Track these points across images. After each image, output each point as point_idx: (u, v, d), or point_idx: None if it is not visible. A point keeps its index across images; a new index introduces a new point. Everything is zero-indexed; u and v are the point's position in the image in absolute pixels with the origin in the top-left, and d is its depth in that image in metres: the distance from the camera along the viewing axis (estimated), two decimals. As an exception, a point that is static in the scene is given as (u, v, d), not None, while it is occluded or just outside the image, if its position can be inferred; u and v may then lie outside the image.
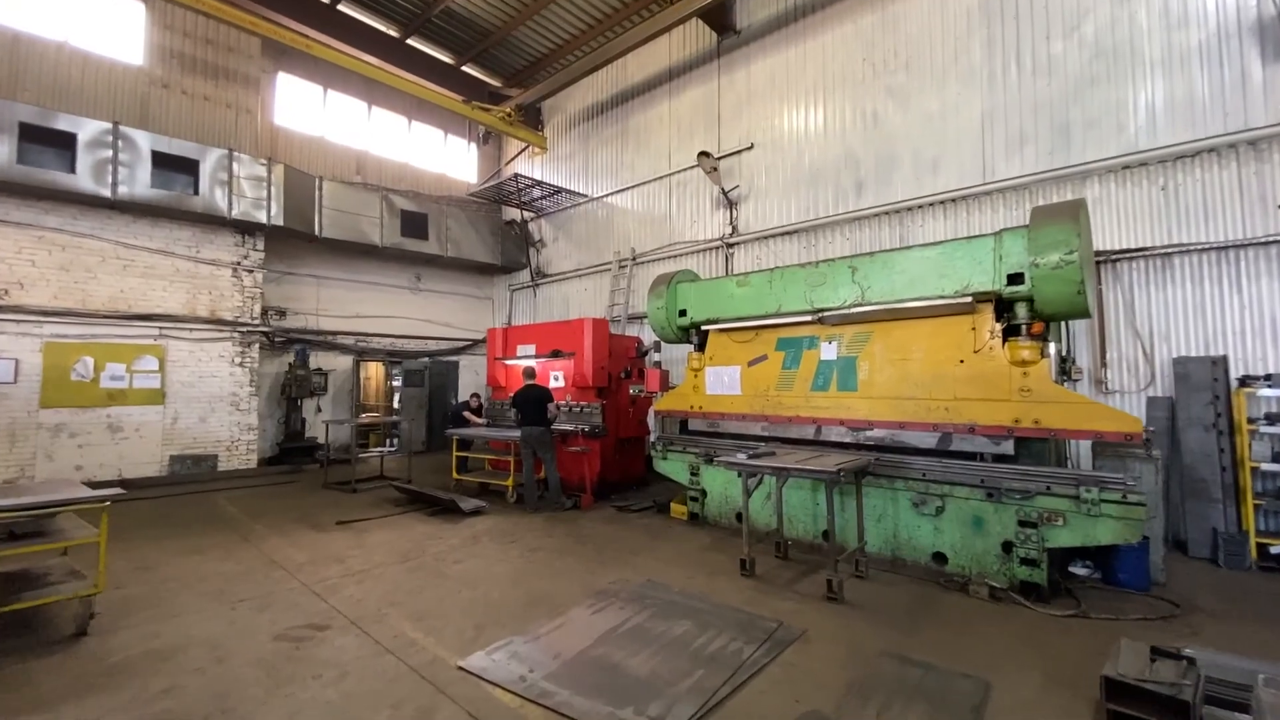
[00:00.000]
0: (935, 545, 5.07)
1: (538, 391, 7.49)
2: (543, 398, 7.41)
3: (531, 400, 7.42)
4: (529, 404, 7.43)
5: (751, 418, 6.36)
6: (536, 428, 7.33)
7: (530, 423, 7.38)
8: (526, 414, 7.45)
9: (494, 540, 6.20)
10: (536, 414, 7.37)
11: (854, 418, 5.59)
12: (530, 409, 7.41)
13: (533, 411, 7.39)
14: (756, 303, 6.21)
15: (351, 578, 5.03)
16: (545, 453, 7.39)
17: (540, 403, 7.38)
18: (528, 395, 7.48)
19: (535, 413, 7.37)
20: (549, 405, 7.36)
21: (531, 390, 7.53)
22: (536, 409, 7.37)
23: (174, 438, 9.67)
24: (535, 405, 7.38)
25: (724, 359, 6.66)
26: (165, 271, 9.73)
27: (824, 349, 5.86)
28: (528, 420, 7.41)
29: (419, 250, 12.70)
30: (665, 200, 11.32)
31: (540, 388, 7.57)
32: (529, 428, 7.37)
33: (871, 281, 5.39)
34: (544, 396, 7.42)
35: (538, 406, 7.36)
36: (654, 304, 7.05)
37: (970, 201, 7.76)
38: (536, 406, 7.37)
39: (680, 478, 7.01)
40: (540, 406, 7.37)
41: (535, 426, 7.34)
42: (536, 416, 7.36)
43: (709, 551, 5.80)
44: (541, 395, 7.43)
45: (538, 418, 7.35)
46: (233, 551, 5.81)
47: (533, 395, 7.45)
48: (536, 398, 7.41)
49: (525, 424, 7.43)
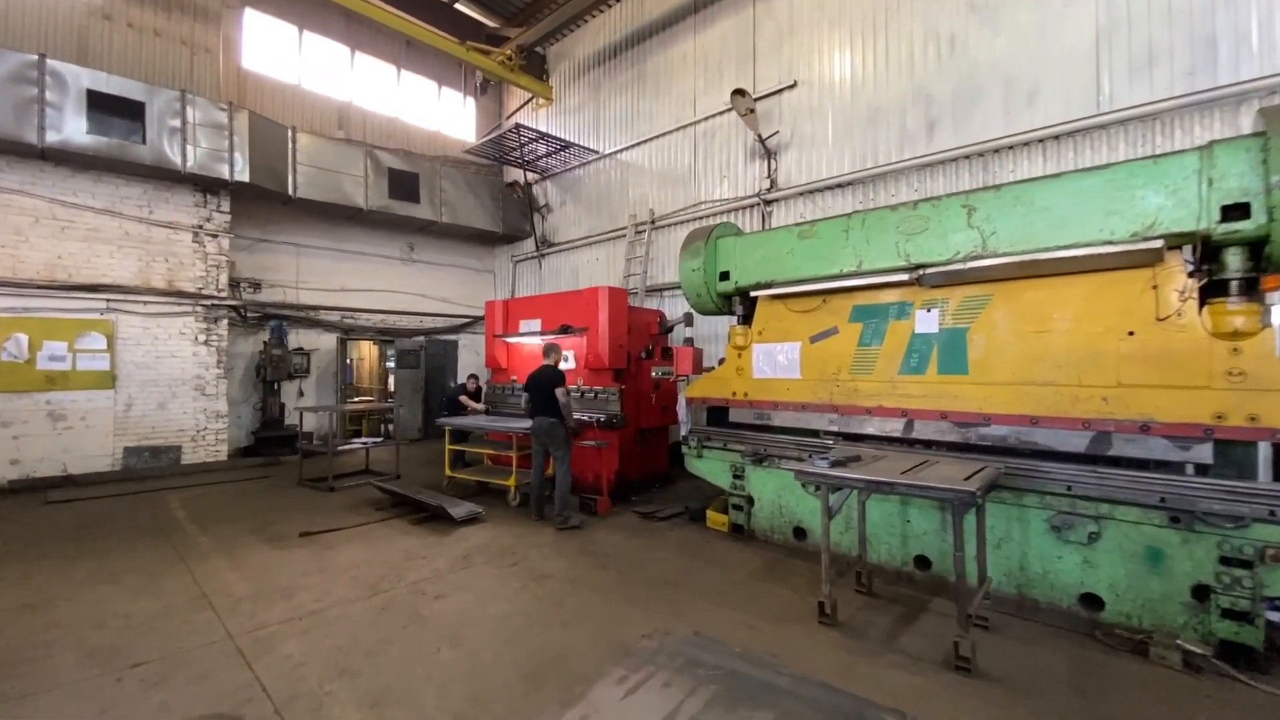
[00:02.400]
0: (1085, 584, 3.73)
1: (546, 374, 6.10)
2: (550, 381, 6.00)
3: (539, 384, 6.06)
4: (537, 389, 6.07)
5: (815, 408, 4.99)
6: (545, 419, 5.98)
7: (540, 412, 6.04)
8: (535, 401, 6.12)
9: (490, 561, 4.91)
10: (545, 401, 6.01)
11: (962, 410, 4.21)
12: (538, 396, 6.07)
13: (541, 398, 6.04)
14: (825, 259, 4.79)
15: (298, 624, 3.75)
16: (557, 450, 6.02)
17: (548, 387, 5.98)
18: (537, 378, 6.12)
19: (544, 400, 6.01)
20: (557, 391, 5.92)
21: (541, 372, 6.15)
22: (545, 396, 6.00)
23: (128, 427, 8.43)
24: (543, 391, 6.00)
25: (778, 333, 5.27)
26: (112, 235, 8.39)
27: (920, 319, 4.46)
28: (537, 409, 6.08)
29: (410, 215, 11.29)
30: (689, 153, 9.81)
31: (550, 369, 6.15)
32: (538, 419, 6.03)
33: (997, 224, 3.96)
34: (552, 380, 6.01)
35: (545, 392, 5.99)
36: (688, 265, 5.64)
37: (1079, 138, 6.25)
38: (545, 392, 5.99)
39: (719, 480, 5.69)
40: (549, 396, 5.96)
41: (545, 418, 5.99)
42: (545, 404, 6.00)
43: (765, 581, 4.48)
44: (550, 379, 6.03)
45: (547, 406, 6.00)
46: (158, 578, 4.56)
47: (541, 378, 6.08)
48: (544, 381, 6.03)
49: (535, 414, 6.10)
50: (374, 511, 6.50)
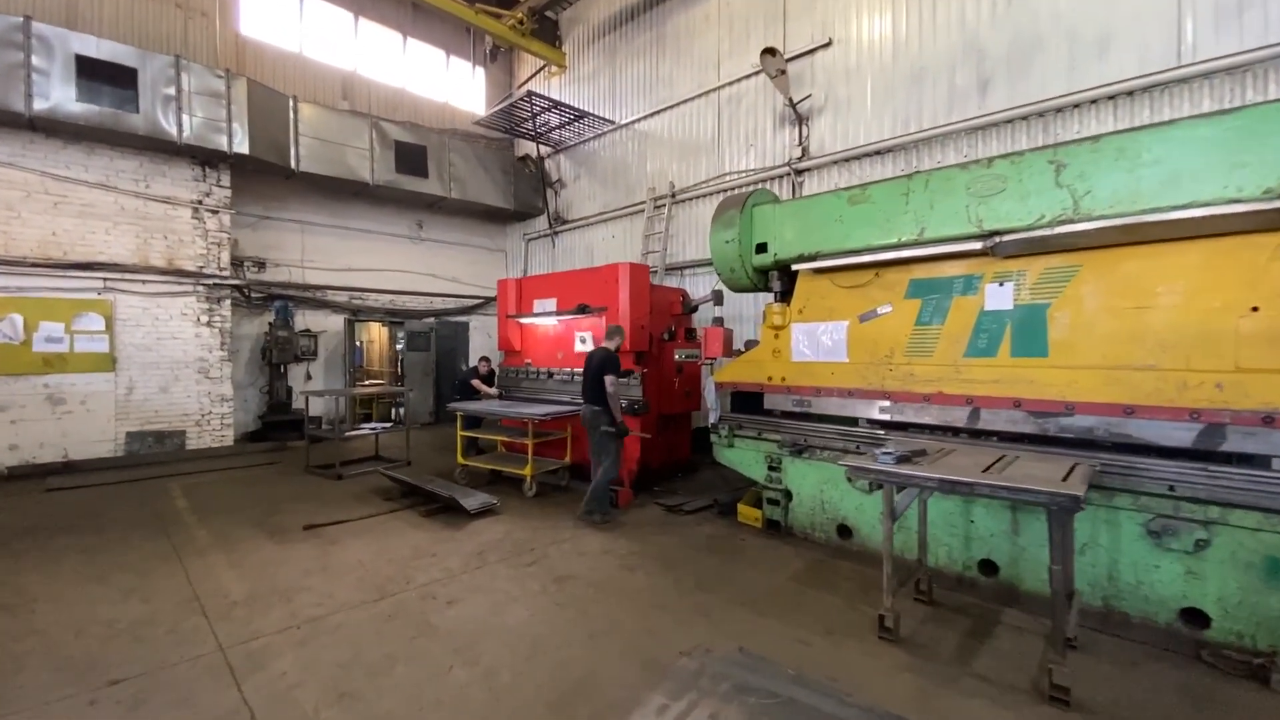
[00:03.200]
0: (1188, 598, 3.24)
1: (598, 356, 5.56)
2: (600, 365, 5.44)
3: (588, 367, 5.57)
4: (587, 372, 5.59)
5: (863, 394, 4.50)
6: (590, 406, 5.49)
7: (588, 398, 5.56)
8: (585, 385, 5.63)
9: (506, 559, 4.52)
10: (593, 386, 5.48)
11: (1040, 397, 3.70)
12: (587, 379, 5.57)
13: (590, 382, 5.53)
14: (880, 226, 4.25)
15: (295, 633, 3.38)
16: (599, 440, 5.51)
17: (597, 371, 5.44)
18: (589, 360, 5.64)
19: (592, 384, 5.50)
20: (606, 378, 5.35)
21: (594, 354, 5.65)
22: (593, 380, 5.48)
23: (130, 411, 8.13)
24: (592, 374, 5.50)
25: (821, 312, 4.76)
26: (107, 210, 8.01)
27: (990, 294, 3.93)
28: (586, 394, 5.60)
29: (418, 191, 10.80)
30: (712, 121, 9.20)
31: (604, 351, 5.61)
32: (585, 406, 5.57)
33: (1093, 182, 3.40)
34: (602, 364, 5.45)
35: (593, 376, 5.47)
36: (720, 237, 5.12)
37: (1156, 94, 5.60)
38: (592, 376, 5.48)
39: (752, 473, 5.24)
40: (598, 380, 5.42)
41: (589, 405, 5.50)
42: (593, 390, 5.48)
43: (810, 586, 4.05)
44: (599, 362, 5.47)
45: (594, 391, 5.48)
46: (149, 577, 4.21)
47: (592, 361, 5.57)
48: (593, 365, 5.51)
49: (585, 401, 5.63)
50: (382, 501, 6.15)
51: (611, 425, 5.45)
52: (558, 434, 6.72)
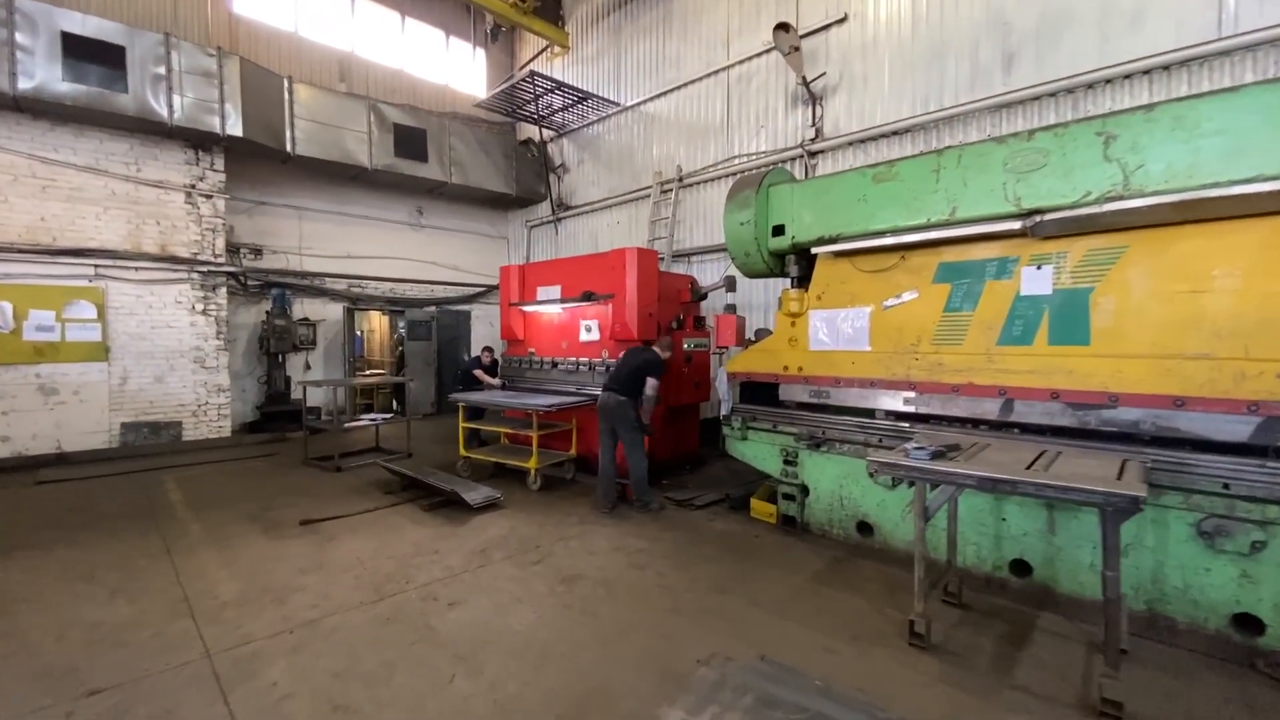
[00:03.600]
0: (1241, 603, 3.02)
1: (647, 357, 5.42)
2: (645, 366, 5.32)
3: (633, 364, 5.41)
4: (627, 365, 5.45)
5: (886, 384, 4.26)
6: (615, 395, 5.30)
7: (612, 386, 5.39)
8: (615, 374, 5.48)
9: (511, 557, 4.32)
10: (628, 379, 5.33)
11: (1081, 388, 3.46)
12: (624, 371, 5.42)
13: (625, 375, 5.37)
14: (908, 206, 3.99)
15: (288, 638, 3.19)
16: (626, 433, 5.33)
17: (641, 371, 5.31)
18: (633, 356, 5.50)
19: (627, 377, 5.34)
20: (649, 381, 5.26)
21: (643, 353, 5.50)
22: (631, 375, 5.33)
23: (124, 401, 7.94)
24: (632, 370, 5.36)
25: (841, 298, 4.52)
26: (97, 194, 7.76)
27: (1026, 278, 3.67)
28: (612, 383, 5.43)
29: (417, 175, 10.52)
30: (721, 102, 8.88)
31: (655, 355, 5.46)
32: (607, 393, 5.37)
33: (1146, 155, 3.13)
34: (648, 365, 5.33)
35: (634, 373, 5.33)
36: (735, 218, 4.86)
37: (1194, 68, 5.30)
38: (633, 372, 5.34)
39: (766, 466, 5.01)
40: (635, 372, 5.31)
41: (614, 394, 5.31)
42: (626, 381, 5.33)
43: (831, 587, 3.84)
44: (646, 363, 5.35)
45: (625, 383, 5.32)
46: (137, 576, 4.03)
47: (637, 359, 5.42)
48: (638, 364, 5.37)
49: (607, 386, 5.47)
50: (382, 495, 5.96)
51: (638, 424, 5.33)
52: (563, 426, 6.50)
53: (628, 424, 5.32)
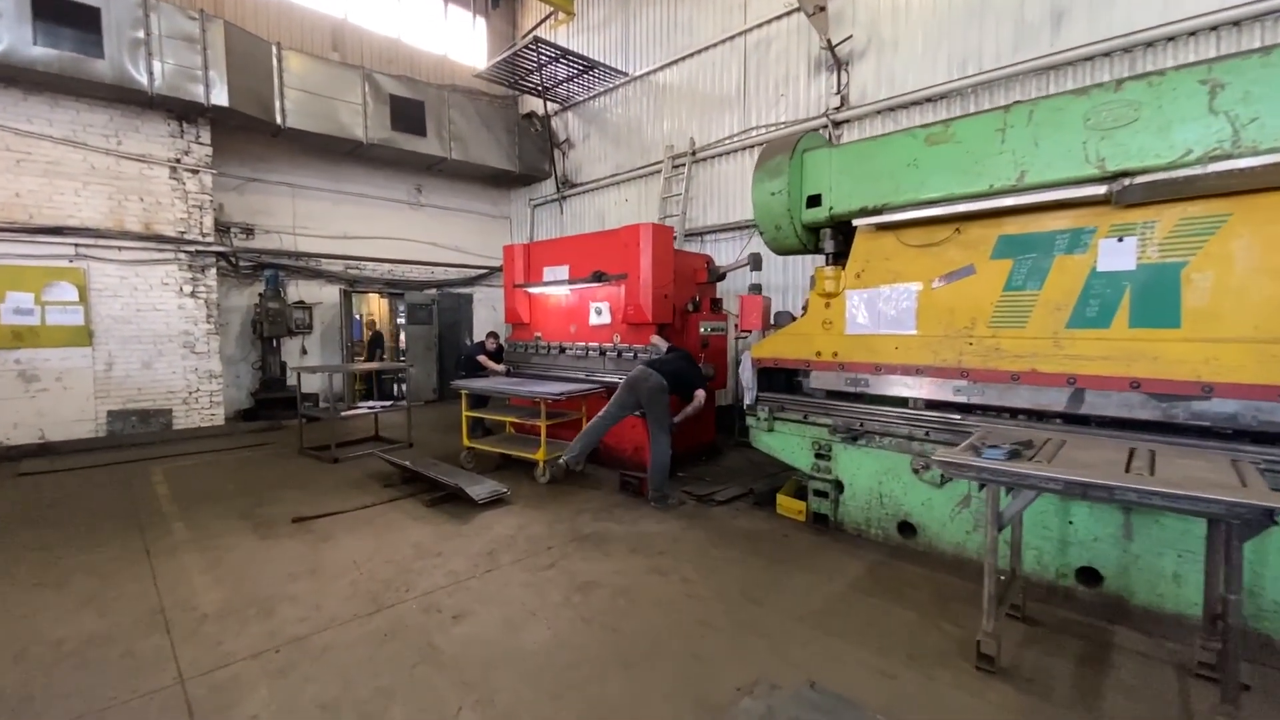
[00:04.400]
0: (1359, 623, 2.64)
1: (696, 369, 5.42)
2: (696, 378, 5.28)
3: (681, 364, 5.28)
4: (678, 363, 5.28)
5: (934, 372, 3.85)
6: (657, 376, 5.01)
7: (658, 369, 5.12)
8: (660, 364, 5.21)
9: (520, 560, 3.95)
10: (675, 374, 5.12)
11: (1168, 377, 3.05)
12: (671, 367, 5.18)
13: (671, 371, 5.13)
14: (967, 171, 3.55)
15: (273, 658, 2.83)
16: (655, 415, 5.03)
17: (685, 376, 5.19)
18: (683, 357, 5.43)
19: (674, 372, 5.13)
20: (698, 392, 5.18)
21: (684, 362, 5.36)
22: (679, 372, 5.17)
23: (110, 388, 7.57)
24: (682, 369, 5.23)
25: (884, 275, 4.09)
26: (76, 169, 7.30)
27: (1105, 251, 3.24)
28: (657, 367, 5.16)
29: (416, 150, 10.02)
30: (737, 70, 8.35)
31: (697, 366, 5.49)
32: (646, 370, 5.07)
33: (1260, 107, 2.69)
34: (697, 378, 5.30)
35: (682, 372, 5.19)
36: (765, 188, 4.40)
37: (1269, 23, 4.80)
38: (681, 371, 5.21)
39: (796, 460, 4.63)
40: (683, 381, 5.17)
41: (657, 374, 5.04)
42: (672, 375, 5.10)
43: (875, 596, 3.47)
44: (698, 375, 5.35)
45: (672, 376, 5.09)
46: (112, 581, 3.67)
47: (686, 363, 5.34)
48: (684, 368, 5.26)
49: (650, 365, 5.20)
50: (381, 489, 5.59)
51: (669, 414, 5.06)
52: (573, 415, 6.12)
53: (660, 410, 5.01)
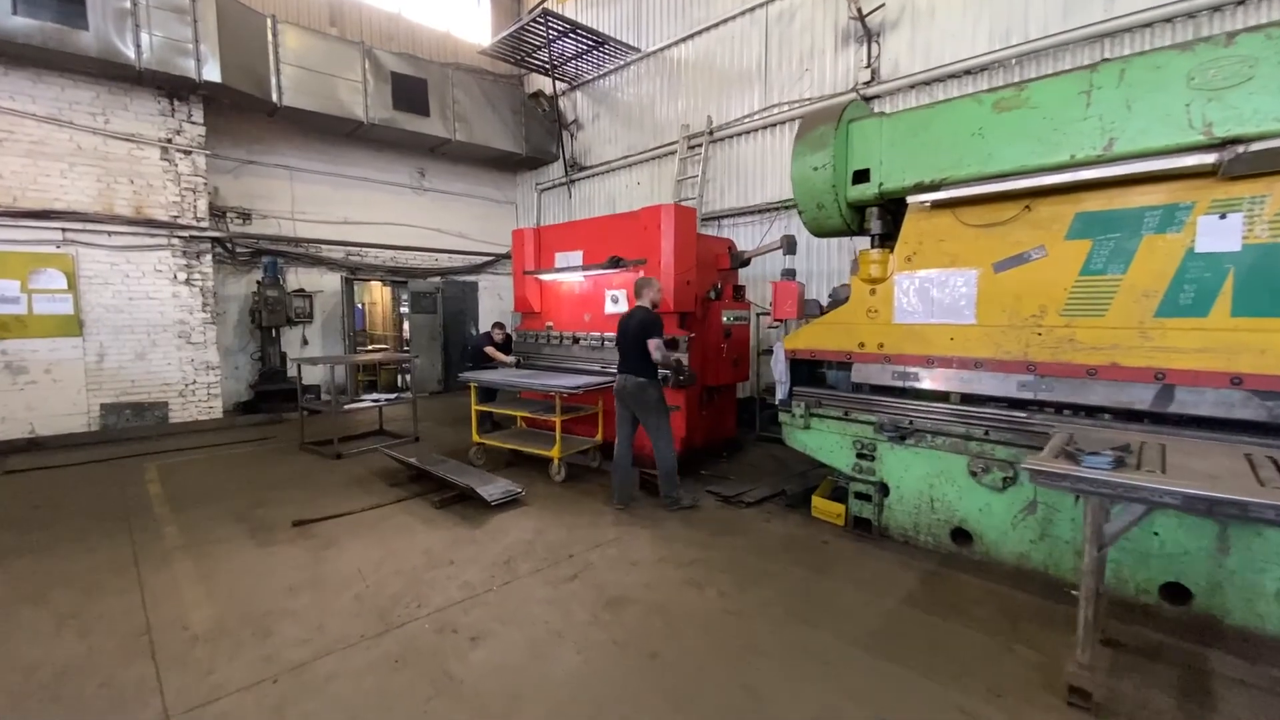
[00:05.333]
0: None
1: (636, 318, 4.64)
2: (641, 329, 4.57)
3: (626, 332, 4.65)
4: (625, 339, 4.67)
5: (997, 365, 3.49)
6: (633, 378, 4.58)
7: (627, 369, 4.65)
8: (622, 355, 4.73)
9: (540, 570, 3.63)
10: (634, 356, 4.60)
11: (1278, 373, 2.68)
12: (626, 347, 4.66)
13: (630, 351, 4.63)
14: (1043, 141, 3.16)
15: (268, 690, 2.51)
16: (648, 418, 4.64)
17: (637, 337, 4.56)
18: (625, 325, 4.70)
19: (633, 354, 4.60)
20: (650, 343, 4.50)
21: (631, 317, 4.70)
22: (633, 347, 4.59)
23: (102, 381, 7.25)
24: (632, 341, 4.60)
25: (938, 259, 3.72)
26: (61, 149, 6.92)
27: (1205, 230, 2.87)
28: (624, 365, 4.69)
29: (419, 131, 9.60)
30: (758, 44, 7.90)
31: (643, 312, 4.68)
32: (623, 377, 4.64)
33: None
34: (642, 327, 4.57)
35: (635, 342, 4.57)
36: (807, 162, 4.01)
37: (1359, -21, 4.36)
38: (634, 342, 4.58)
39: (835, 461, 4.28)
40: (638, 343, 4.55)
41: (631, 376, 4.59)
42: (635, 360, 4.59)
43: (935, 614, 3.13)
44: (639, 325, 4.59)
45: (636, 362, 4.58)
46: (97, 595, 3.36)
47: (629, 325, 4.65)
48: (631, 329, 4.61)
49: (618, 371, 4.74)
50: (387, 488, 5.28)
51: (662, 405, 4.62)
52: (588, 409, 5.79)
53: (650, 407, 4.62)
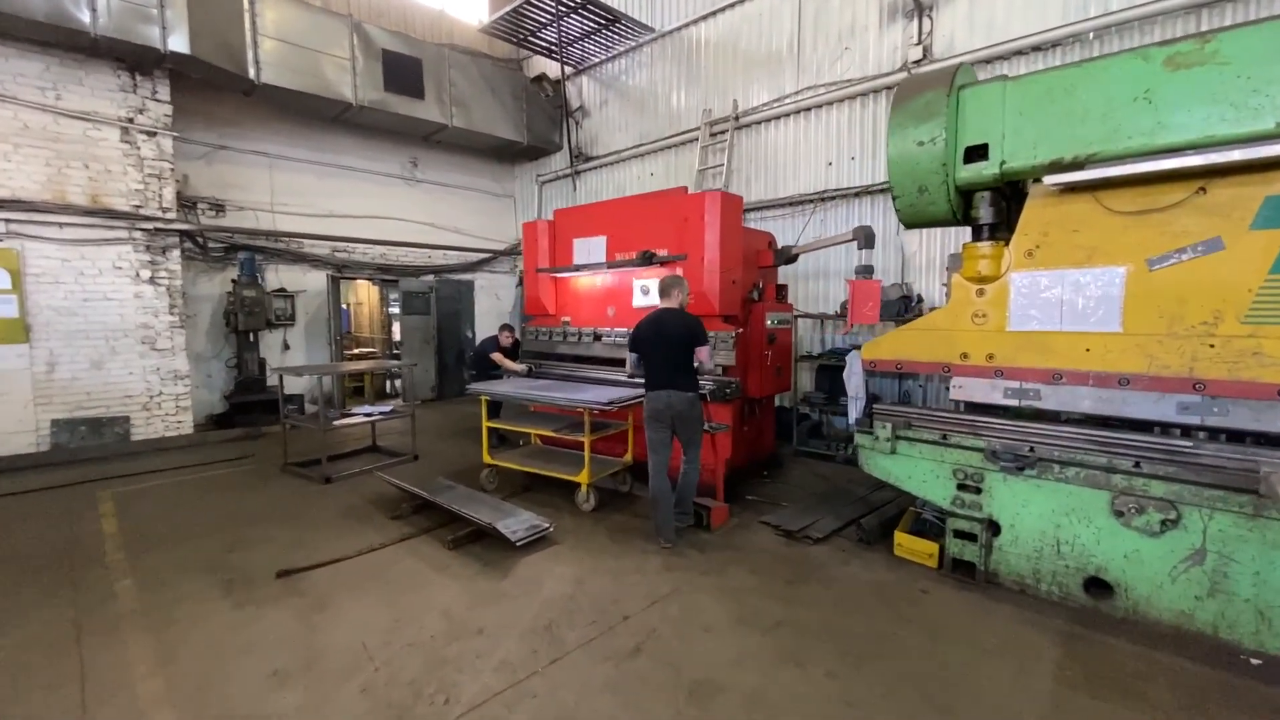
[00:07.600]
0: None
1: (676, 323, 3.89)
2: (687, 336, 3.85)
3: (667, 339, 3.87)
4: (662, 346, 3.88)
5: (1149, 382, 2.86)
6: (680, 394, 3.84)
7: (664, 384, 3.87)
8: (657, 364, 3.92)
9: (593, 639, 2.91)
10: (675, 366, 3.86)
11: None
12: (665, 355, 3.88)
13: (669, 361, 3.87)
14: (1234, 106, 2.53)
15: None
16: (694, 437, 3.99)
17: (684, 345, 3.84)
18: (659, 329, 3.91)
19: (674, 363, 3.86)
20: (699, 351, 3.83)
21: (666, 320, 3.92)
22: (679, 356, 3.85)
23: (53, 393, 6.35)
24: (676, 349, 3.85)
25: (1069, 254, 3.08)
26: (4, 128, 6.04)
27: None
28: (663, 378, 3.89)
29: (413, 115, 8.78)
30: (790, 20, 7.24)
31: (680, 316, 3.96)
32: (668, 392, 3.86)
33: None
34: (689, 334, 3.86)
35: (679, 352, 3.84)
36: (908, 136, 3.34)
37: None
38: (678, 352, 3.85)
39: (928, 493, 3.62)
40: (683, 352, 3.84)
41: (678, 392, 3.84)
42: (674, 372, 3.85)
43: (1097, 697, 2.48)
44: (685, 332, 3.86)
45: (676, 375, 3.85)
46: (22, 686, 2.58)
47: (668, 330, 3.88)
48: (674, 336, 3.86)
49: (655, 386, 3.93)
50: (387, 520, 4.52)
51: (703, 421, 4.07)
52: (617, 425, 5.08)
53: (698, 426, 4.02)
